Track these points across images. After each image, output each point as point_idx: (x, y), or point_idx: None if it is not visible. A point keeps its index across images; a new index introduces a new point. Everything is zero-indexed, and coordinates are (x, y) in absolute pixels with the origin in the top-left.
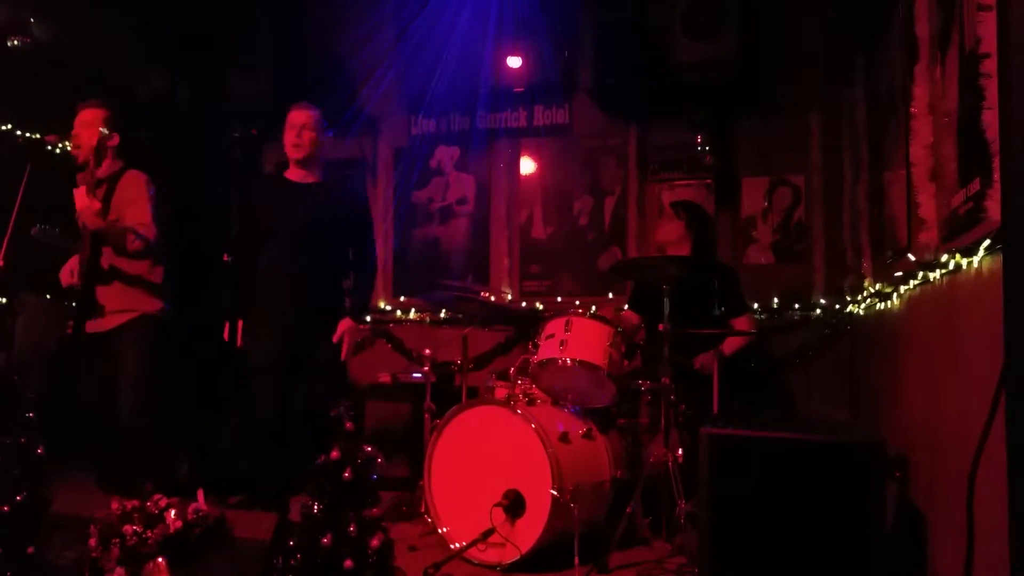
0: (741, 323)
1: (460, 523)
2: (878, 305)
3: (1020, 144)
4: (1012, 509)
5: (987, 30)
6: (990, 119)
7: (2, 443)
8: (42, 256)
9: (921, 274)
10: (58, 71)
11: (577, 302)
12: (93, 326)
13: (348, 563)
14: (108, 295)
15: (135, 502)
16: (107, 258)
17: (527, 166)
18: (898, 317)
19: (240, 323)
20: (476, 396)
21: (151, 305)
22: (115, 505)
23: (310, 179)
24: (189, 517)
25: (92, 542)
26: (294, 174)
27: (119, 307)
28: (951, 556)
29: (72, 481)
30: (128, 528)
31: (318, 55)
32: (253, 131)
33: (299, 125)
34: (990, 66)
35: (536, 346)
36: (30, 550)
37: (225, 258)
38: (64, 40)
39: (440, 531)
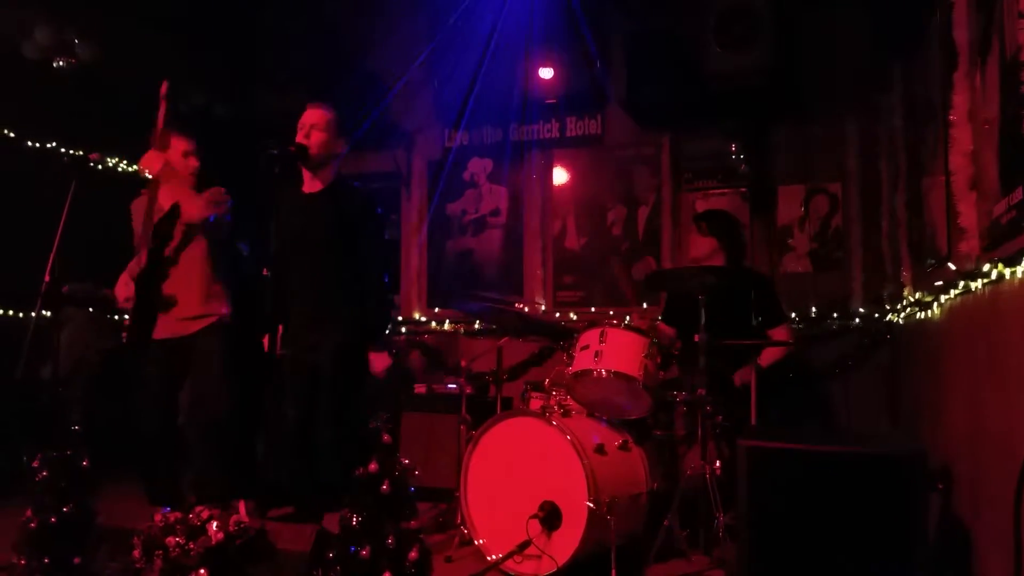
0: (779, 333)
1: (496, 535)
2: (918, 314)
3: None
4: None
5: None
6: None
7: (48, 456)
8: (87, 272)
9: (962, 283)
10: (101, 90)
11: (611, 312)
12: (168, 330)
13: (387, 574)
14: (187, 299)
15: (178, 514)
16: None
17: (560, 177)
18: (939, 326)
19: (279, 330)
20: (511, 407)
21: (225, 308)
22: (158, 517)
23: (316, 187)
24: (231, 529)
25: (136, 553)
26: (305, 181)
27: (198, 312)
28: (997, 570)
29: (117, 493)
30: (171, 540)
31: (352, 70)
32: (291, 148)
33: (308, 124)
34: None
35: (571, 357)
36: (76, 560)
37: (265, 272)
38: (107, 60)
39: (476, 543)
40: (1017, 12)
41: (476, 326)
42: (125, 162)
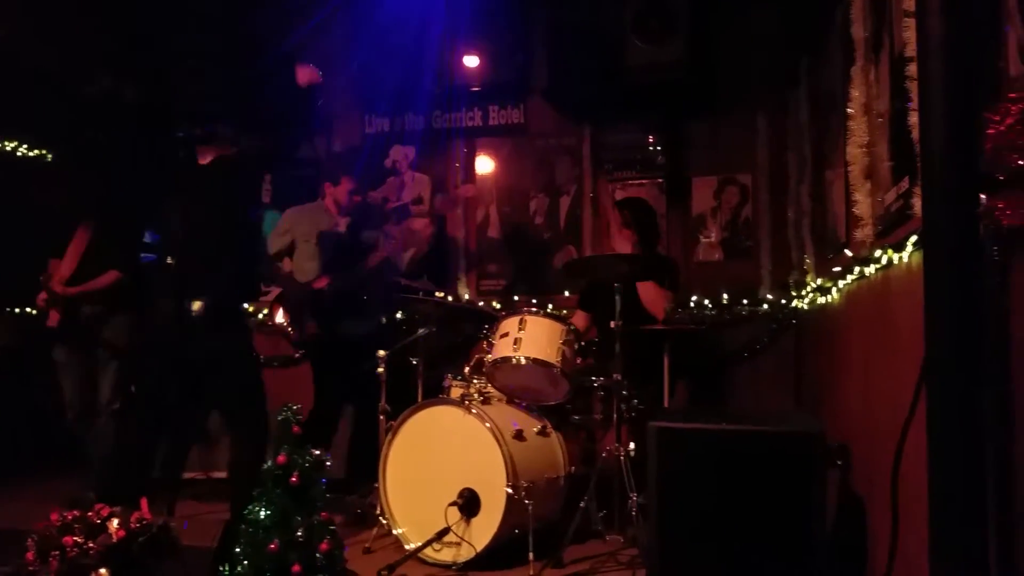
0: (649, 286)
1: (416, 524)
2: (820, 299)
3: (938, 146)
4: (931, 495)
5: (912, 35)
6: (916, 120)
7: None
8: None
9: (857, 269)
10: (3, 71)
11: (534, 301)
12: None
13: (296, 568)
14: None
15: (76, 512)
16: None
17: (483, 165)
18: (838, 311)
19: None
20: (432, 396)
21: None
22: (55, 516)
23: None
24: (132, 526)
25: (29, 556)
26: None
27: None
28: (884, 540)
29: (14, 493)
30: (68, 539)
31: (267, 53)
32: (197, 130)
33: None
34: (915, 70)
35: (491, 345)
36: None
37: (168, 260)
38: (9, 39)
39: (395, 532)
40: (903, 11)
41: (399, 315)
42: (25, 147)
